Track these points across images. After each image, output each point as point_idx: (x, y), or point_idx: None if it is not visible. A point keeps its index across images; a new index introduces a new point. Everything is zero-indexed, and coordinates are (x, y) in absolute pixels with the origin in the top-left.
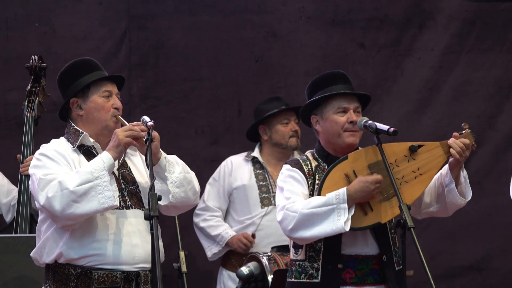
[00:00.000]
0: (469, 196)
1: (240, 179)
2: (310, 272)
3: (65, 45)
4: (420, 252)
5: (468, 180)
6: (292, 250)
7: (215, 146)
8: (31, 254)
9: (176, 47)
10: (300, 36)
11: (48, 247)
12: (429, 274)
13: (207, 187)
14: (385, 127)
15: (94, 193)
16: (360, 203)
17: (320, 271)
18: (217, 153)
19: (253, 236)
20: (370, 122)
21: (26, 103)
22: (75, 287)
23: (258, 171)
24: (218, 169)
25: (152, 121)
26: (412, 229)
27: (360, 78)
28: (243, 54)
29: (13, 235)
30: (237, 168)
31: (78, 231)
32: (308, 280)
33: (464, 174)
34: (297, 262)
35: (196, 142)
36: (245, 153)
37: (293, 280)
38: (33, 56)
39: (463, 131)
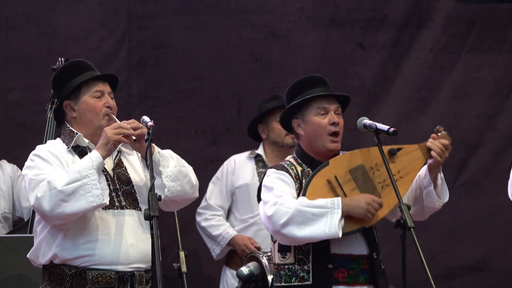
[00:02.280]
0: (446, 198)
1: (243, 178)
2: (301, 275)
3: (65, 45)
4: (420, 252)
5: (445, 182)
6: (278, 254)
7: (215, 146)
8: (28, 255)
9: (176, 47)
10: (299, 36)
11: (43, 248)
12: (429, 274)
13: (210, 185)
14: (385, 127)
15: (82, 192)
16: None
17: (311, 273)
18: (217, 153)
19: (259, 249)
20: (370, 122)
21: (49, 105)
22: (70, 287)
23: (261, 170)
24: (221, 168)
25: (152, 121)
26: (412, 229)
27: (359, 78)
28: (243, 54)
29: (13, 235)
30: (240, 167)
31: (71, 232)
32: (299, 283)
33: (441, 175)
34: (286, 266)
35: (196, 142)
36: (248, 152)
37: (282, 284)
38: (59, 58)
39: (439, 133)
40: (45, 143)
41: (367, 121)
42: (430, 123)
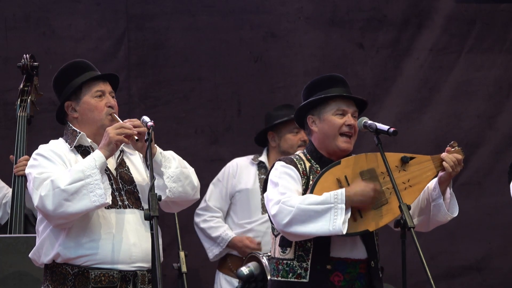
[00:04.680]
0: (456, 213)
1: (244, 183)
2: (298, 271)
3: (64, 45)
4: (420, 252)
5: (454, 197)
6: (278, 249)
7: (215, 146)
8: (30, 255)
9: (175, 47)
10: (299, 36)
11: (45, 247)
12: (429, 274)
13: (211, 186)
14: (385, 127)
15: (85, 192)
16: (351, 210)
17: (308, 271)
18: (217, 153)
19: (259, 244)
20: (370, 122)
21: (18, 103)
22: (72, 286)
23: (262, 176)
24: (223, 170)
25: (152, 121)
26: (412, 229)
27: (359, 78)
28: (242, 54)
29: (13, 235)
30: (242, 171)
31: (74, 231)
32: (296, 280)
33: (450, 191)
34: (285, 261)
35: (196, 142)
36: (251, 156)
37: (279, 279)
38: (24, 55)
39: (453, 148)
40: (16, 143)
41: (367, 121)
42: (430, 123)
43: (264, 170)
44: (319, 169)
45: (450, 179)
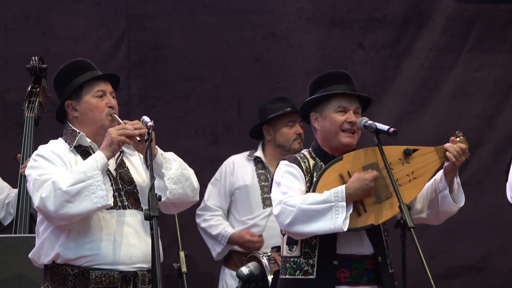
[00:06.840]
0: (462, 203)
1: (242, 179)
2: (305, 268)
3: (64, 45)
4: (420, 252)
5: (461, 187)
6: (285, 247)
7: (215, 146)
8: (29, 255)
9: (175, 47)
10: (299, 36)
11: (45, 248)
12: (429, 274)
13: (209, 186)
14: (385, 127)
15: (87, 193)
16: (354, 205)
17: (315, 268)
18: (217, 153)
19: (260, 236)
20: (370, 122)
21: (26, 104)
22: (72, 287)
23: (260, 171)
24: (219, 169)
25: (152, 121)
26: (412, 229)
27: (359, 79)
28: (242, 54)
29: (13, 235)
30: (239, 168)
31: (74, 232)
32: (303, 277)
33: (457, 180)
34: (292, 259)
35: (196, 142)
36: (247, 152)
37: (287, 276)
38: (33, 57)
39: (458, 138)
40: (24, 143)
41: (367, 121)
42: (430, 123)
43: (261, 165)
44: (323, 166)
45: (456, 169)
